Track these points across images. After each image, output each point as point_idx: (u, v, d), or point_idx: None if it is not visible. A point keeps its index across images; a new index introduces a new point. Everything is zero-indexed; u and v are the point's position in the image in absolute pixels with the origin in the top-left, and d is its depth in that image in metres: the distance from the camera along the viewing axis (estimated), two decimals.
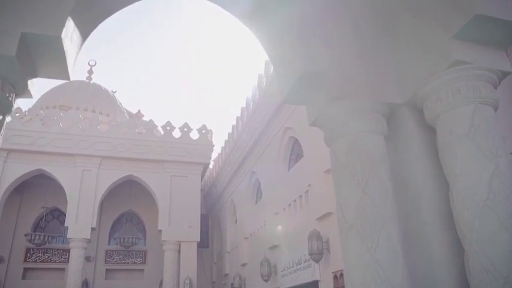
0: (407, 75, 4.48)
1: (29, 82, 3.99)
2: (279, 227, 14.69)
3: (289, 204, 14.14)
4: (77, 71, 37.99)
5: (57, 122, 20.54)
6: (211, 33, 58.87)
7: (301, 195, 13.26)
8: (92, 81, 29.33)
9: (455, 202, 3.81)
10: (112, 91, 29.64)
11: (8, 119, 15.83)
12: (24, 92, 4.08)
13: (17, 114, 20.25)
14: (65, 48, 3.75)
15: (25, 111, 21.86)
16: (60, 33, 3.60)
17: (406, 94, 4.47)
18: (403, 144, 4.54)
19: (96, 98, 27.26)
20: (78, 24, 3.95)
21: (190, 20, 56.31)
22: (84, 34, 4.24)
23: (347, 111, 4.42)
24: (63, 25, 3.61)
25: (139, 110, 26.30)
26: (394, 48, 4.64)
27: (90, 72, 29.94)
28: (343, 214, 4.18)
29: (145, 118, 24.95)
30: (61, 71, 4.03)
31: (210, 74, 61.31)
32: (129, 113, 28.19)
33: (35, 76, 4.03)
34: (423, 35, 4.25)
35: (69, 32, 3.83)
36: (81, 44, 4.29)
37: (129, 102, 44.90)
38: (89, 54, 55.83)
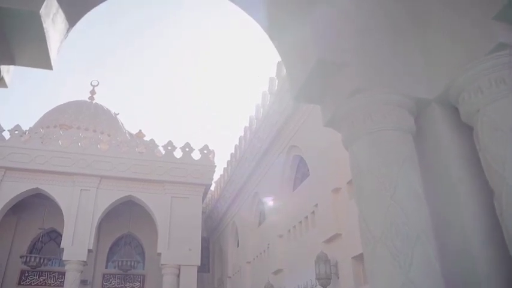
0: (437, 66, 3.94)
1: (4, 69, 3.47)
2: (284, 250, 14.01)
3: (294, 226, 13.51)
4: (79, 92, 37.84)
5: (57, 140, 20.13)
6: (213, 53, 59.07)
7: (307, 216, 12.65)
8: (94, 102, 29.06)
9: (504, 208, 3.22)
10: (114, 113, 29.33)
11: (7, 136, 15.18)
12: None
13: (16, 132, 19.83)
14: (45, 29, 3.25)
15: (25, 130, 21.46)
16: (39, 8, 3.10)
17: (436, 89, 3.92)
18: (433, 145, 3.95)
19: (97, 118, 26.93)
20: (63, 5, 3.46)
21: (192, 39, 56.58)
22: (71, 19, 3.75)
23: (370, 105, 3.84)
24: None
25: (140, 130, 25.93)
26: (422, 35, 4.12)
27: (93, 92, 29.72)
28: (368, 226, 3.56)
29: (147, 138, 24.53)
30: (42, 57, 3.52)
31: (213, 94, 61.25)
32: (131, 134, 27.80)
33: (12, 63, 3.52)
34: (457, 18, 3.72)
35: (51, 12, 3.34)
36: (67, 31, 3.80)
37: (131, 123, 44.73)
38: (92, 74, 56.06)
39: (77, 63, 52.52)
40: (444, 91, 3.88)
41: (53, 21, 3.41)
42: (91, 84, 30.15)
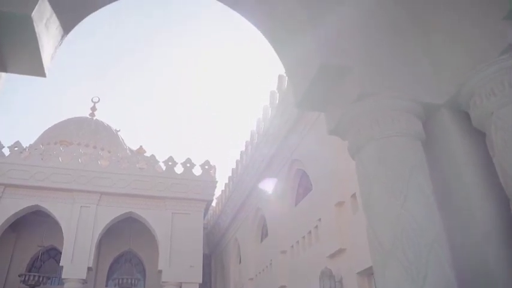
0: (445, 69, 3.79)
1: None
2: (287, 266, 13.73)
3: (297, 242, 13.27)
4: (80, 108, 37.89)
5: (57, 156, 20.01)
6: (214, 67, 59.24)
7: (310, 231, 12.41)
8: (94, 118, 29.02)
9: None
10: (116, 130, 29.26)
11: (7, 152, 14.97)
12: None
13: (16, 149, 19.72)
14: (37, 33, 3.12)
15: (26, 147, 21.33)
16: (31, 12, 2.98)
17: (445, 93, 3.76)
18: (443, 151, 3.77)
19: (98, 134, 26.85)
20: (57, 11, 3.35)
21: (192, 53, 56.79)
22: (66, 26, 3.63)
23: (377, 111, 3.68)
24: (35, 2, 3.00)
25: (141, 146, 25.76)
26: (428, 37, 3.97)
27: (93, 108, 29.73)
28: (377, 238, 3.36)
29: (147, 154, 24.38)
30: (34, 64, 3.38)
31: (214, 108, 61.29)
32: (131, 150, 27.67)
33: (4, 70, 3.38)
34: (464, 19, 3.58)
35: (45, 16, 3.22)
36: (62, 38, 3.67)
37: (131, 139, 44.75)
38: (92, 90, 56.26)
39: (77, 80, 52.69)
40: (454, 95, 3.72)
41: (46, 26, 3.29)
42: (92, 100, 30.21)
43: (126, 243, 22.24)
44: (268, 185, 16.10)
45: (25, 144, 21.76)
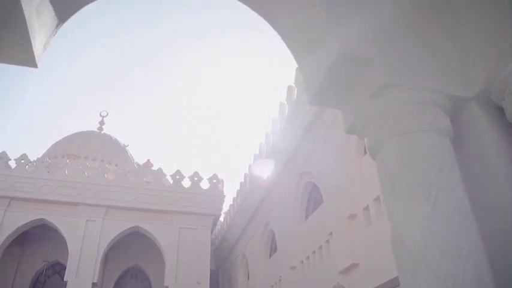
0: (474, 59, 3.43)
1: None
2: (297, 283, 13.28)
3: (308, 257, 12.84)
4: (88, 122, 37.92)
5: (63, 169, 19.83)
6: (223, 79, 59.28)
7: (321, 246, 12.00)
8: (102, 132, 28.94)
9: None
10: (124, 144, 29.13)
11: (13, 165, 14.72)
12: None
13: (22, 161, 19.56)
14: (26, 16, 2.84)
15: (33, 160, 21.18)
16: None
17: (475, 85, 3.40)
18: (474, 150, 3.38)
19: (106, 148, 26.72)
20: None
21: (201, 67, 56.85)
22: (60, 14, 3.35)
23: (401, 104, 3.33)
24: None
25: (148, 160, 25.53)
26: (458, 27, 3.62)
27: (102, 122, 29.66)
28: (404, 245, 2.96)
29: (155, 168, 24.13)
30: (24, 53, 3.10)
31: (222, 122, 61.16)
32: (138, 165, 27.46)
33: None
34: (497, 6, 3.25)
35: (35, 1, 2.95)
36: (56, 26, 3.40)
37: (139, 153, 44.69)
38: (101, 104, 56.54)
39: (86, 93, 52.97)
40: (484, 88, 3.35)
41: (37, 10, 3.01)
42: (100, 114, 30.17)
43: (132, 258, 21.85)
44: (277, 198, 15.72)
45: (33, 157, 21.68)
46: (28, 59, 3.17)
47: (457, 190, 3.01)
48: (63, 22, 3.48)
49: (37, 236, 20.42)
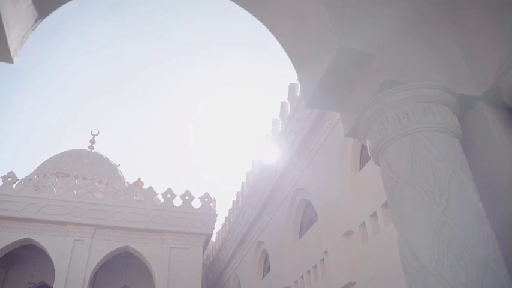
0: (483, 57, 3.22)
1: None
2: None
3: (302, 276, 12.47)
4: (79, 140, 37.43)
5: (51, 188, 19.33)
6: (214, 97, 59.04)
7: (316, 265, 11.65)
8: (93, 151, 28.50)
9: None
10: (115, 164, 28.70)
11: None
12: None
13: (9, 179, 19.05)
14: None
15: (21, 178, 20.69)
16: None
17: (483, 84, 3.19)
18: (483, 153, 3.14)
19: (96, 167, 26.25)
20: None
21: (193, 85, 56.64)
22: (40, 8, 3.11)
23: (407, 101, 3.09)
24: None
25: (139, 178, 25.04)
26: (465, 24, 3.42)
27: (92, 141, 29.25)
28: (414, 253, 2.68)
29: (146, 187, 23.72)
30: None
31: (213, 140, 60.75)
32: (129, 184, 27.02)
33: None
34: (505, 3, 3.05)
35: None
36: (36, 21, 3.15)
37: (130, 172, 44.09)
38: (92, 123, 56.14)
39: (76, 111, 52.50)
40: (493, 87, 3.14)
41: (13, 2, 2.76)
42: (91, 133, 29.78)
43: (121, 279, 21.23)
44: (271, 217, 15.38)
45: (22, 176, 21.19)
46: (3, 54, 2.90)
47: (471, 194, 2.76)
48: (44, 17, 3.23)
49: (23, 256, 19.79)
